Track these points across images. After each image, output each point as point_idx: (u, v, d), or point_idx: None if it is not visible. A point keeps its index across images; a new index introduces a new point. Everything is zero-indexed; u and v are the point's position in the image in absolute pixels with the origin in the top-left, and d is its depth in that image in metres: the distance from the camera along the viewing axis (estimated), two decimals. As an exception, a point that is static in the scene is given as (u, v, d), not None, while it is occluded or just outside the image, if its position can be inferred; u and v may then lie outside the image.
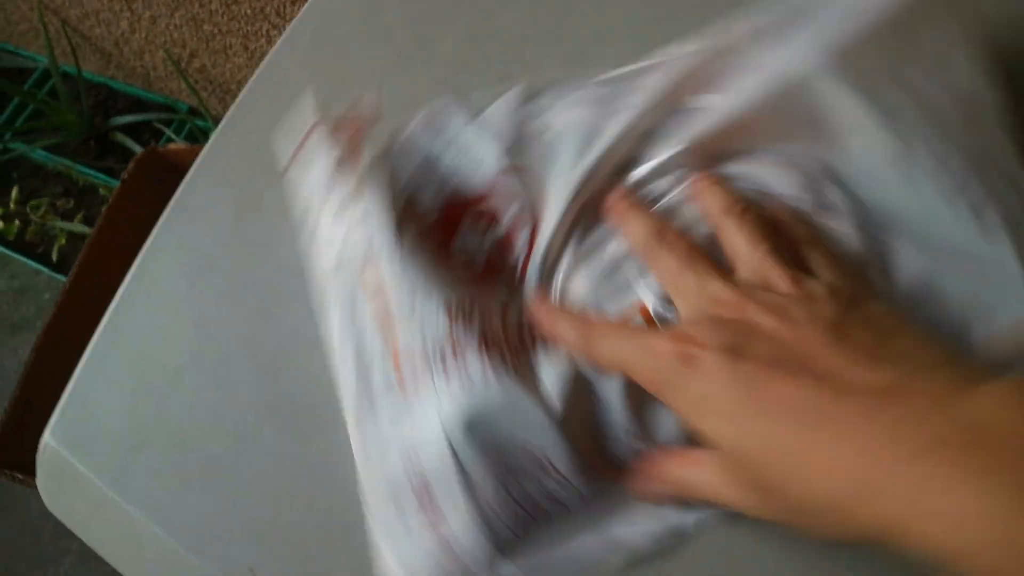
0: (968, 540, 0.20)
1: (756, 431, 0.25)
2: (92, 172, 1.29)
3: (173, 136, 1.28)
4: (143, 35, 1.14)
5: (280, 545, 0.35)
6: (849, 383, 0.24)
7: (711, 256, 0.31)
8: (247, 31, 0.92)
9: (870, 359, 0.24)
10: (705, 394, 0.26)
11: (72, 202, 1.31)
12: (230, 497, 0.37)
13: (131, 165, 0.77)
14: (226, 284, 0.41)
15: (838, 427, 0.23)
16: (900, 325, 0.27)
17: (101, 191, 1.31)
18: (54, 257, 1.26)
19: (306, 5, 0.49)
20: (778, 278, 0.29)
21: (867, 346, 0.25)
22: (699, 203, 0.33)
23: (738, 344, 0.26)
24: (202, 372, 0.39)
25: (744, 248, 0.30)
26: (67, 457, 0.39)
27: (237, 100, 0.46)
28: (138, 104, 1.36)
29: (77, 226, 1.25)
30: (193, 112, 1.33)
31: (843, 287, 0.28)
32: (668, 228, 0.32)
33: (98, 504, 0.38)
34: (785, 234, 0.31)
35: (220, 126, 0.45)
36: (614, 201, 0.34)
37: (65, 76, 1.33)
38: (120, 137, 1.32)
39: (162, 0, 0.95)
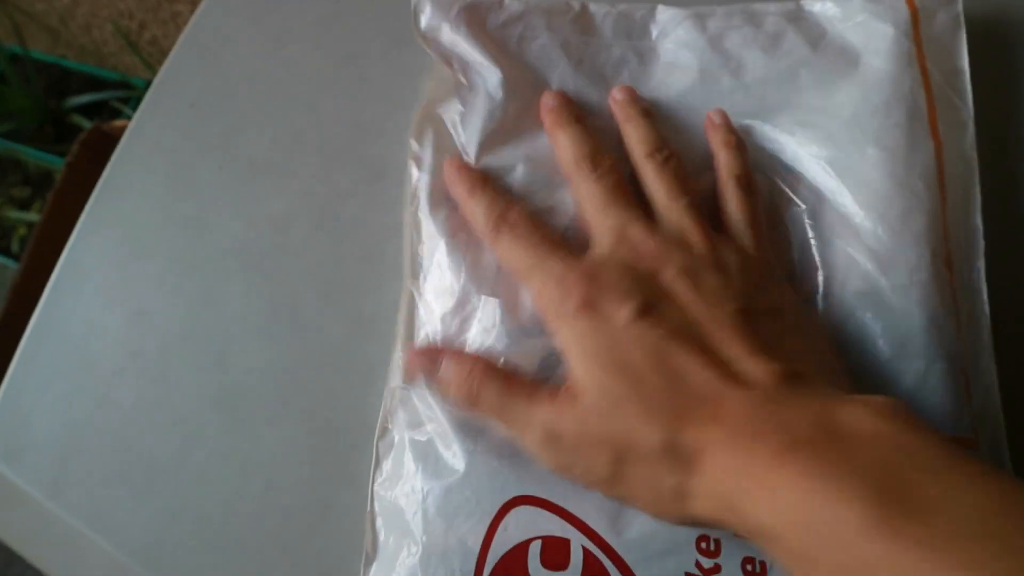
0: (779, 520, 0.22)
1: (634, 389, 0.26)
2: (49, 157, 1.25)
3: (132, 114, 1.24)
4: (88, 8, 1.09)
5: (233, 551, 0.33)
6: (743, 372, 0.25)
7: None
8: (193, -4, 0.87)
9: (768, 352, 0.26)
10: (597, 341, 0.26)
11: (29, 190, 1.26)
12: (177, 502, 0.35)
13: (75, 147, 0.73)
14: (163, 270, 0.39)
15: (717, 411, 0.25)
16: (803, 322, 0.29)
17: (57, 177, 1.27)
18: (14, 248, 1.22)
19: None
20: (693, 234, 0.29)
21: (768, 338, 0.27)
22: (624, 133, 0.32)
23: (650, 304, 0.27)
24: (141, 368, 0.37)
25: (663, 197, 0.30)
26: (-1, 468, 0.36)
27: (162, 68, 0.43)
28: (93, 82, 1.31)
29: (36, 215, 1.21)
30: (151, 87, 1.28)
31: (757, 262, 0.29)
32: (603, 155, 0.31)
33: (35, 516, 0.35)
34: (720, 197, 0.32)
35: (146, 97, 0.42)
36: (552, 104, 0.33)
37: (13, 58, 1.28)
38: (77, 119, 1.28)
39: (99, -32, 0.90)
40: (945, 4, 0.34)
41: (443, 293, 0.32)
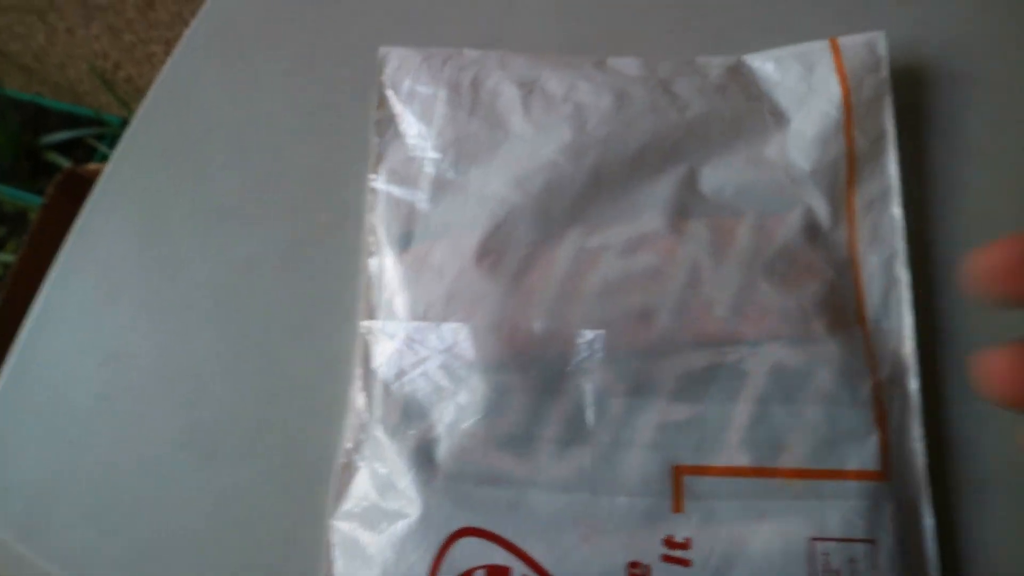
0: None
1: None
2: (24, 196, 1.26)
3: (107, 151, 1.25)
4: (62, 48, 1.11)
5: None
6: None
7: None
8: (168, 37, 0.90)
9: None
10: None
11: (4, 230, 1.27)
12: (147, 541, 0.36)
13: (50, 189, 0.75)
14: (136, 312, 0.41)
15: None
16: None
17: (32, 216, 1.28)
18: (-11, 288, 1.23)
19: (203, 7, 0.47)
20: None
21: None
22: None
23: None
24: (113, 411, 0.39)
25: None
26: (-28, 513, 0.37)
27: (136, 113, 0.45)
28: (69, 119, 1.33)
29: (11, 255, 1.22)
30: (126, 125, 1.29)
31: None
32: None
33: (7, 559, 0.36)
34: None
35: (120, 141, 0.44)
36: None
37: (-12, 96, 1.29)
38: (52, 156, 1.29)
39: (76, 11, 0.92)
40: (873, 70, 0.36)
41: (397, 329, 0.34)
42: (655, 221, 0.34)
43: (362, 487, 0.33)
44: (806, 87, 0.36)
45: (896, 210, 0.35)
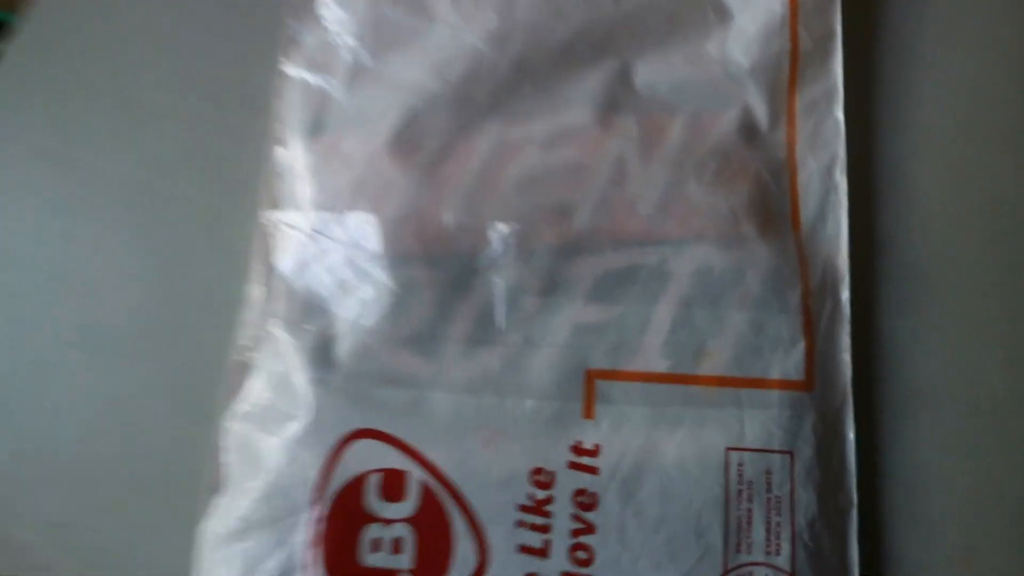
0: None
1: None
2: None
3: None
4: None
5: (86, 489, 0.34)
6: None
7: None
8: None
9: None
10: None
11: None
12: (38, 443, 0.34)
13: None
14: (28, 207, 0.38)
15: None
16: None
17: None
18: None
19: None
20: None
21: None
22: None
23: None
24: (3, 306, 0.36)
25: None
26: None
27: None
28: None
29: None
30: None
31: None
32: None
33: None
34: None
35: (16, 32, 0.41)
36: None
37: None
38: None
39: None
40: None
41: (300, 219, 0.32)
42: (582, 115, 0.32)
43: (257, 386, 0.31)
44: None
45: (839, 113, 0.33)
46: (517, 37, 0.33)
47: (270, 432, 0.30)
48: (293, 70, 0.35)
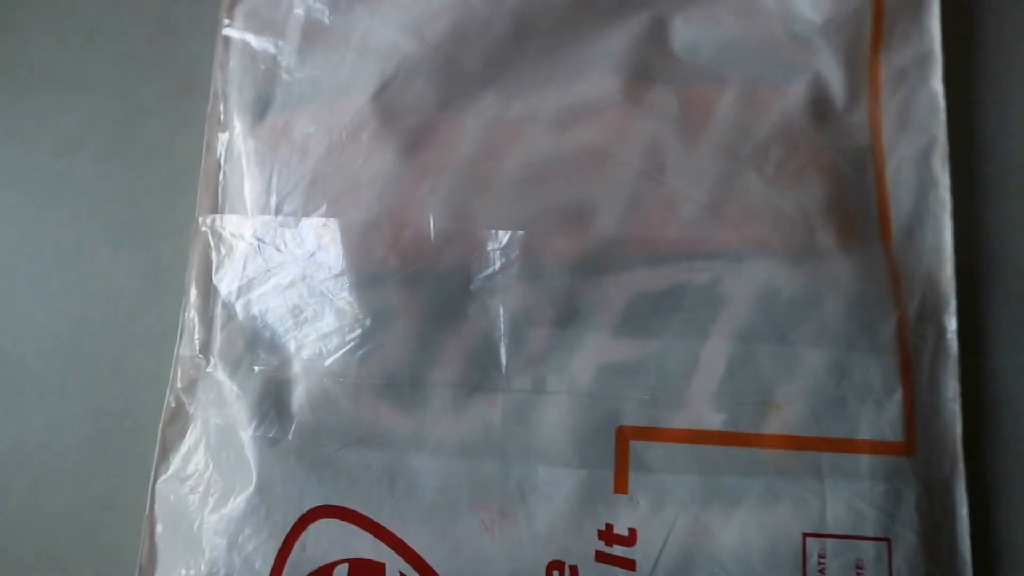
0: None
1: None
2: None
3: None
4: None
5: None
6: None
7: None
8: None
9: None
10: None
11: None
12: None
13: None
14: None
15: None
16: None
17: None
18: None
19: None
20: None
21: None
22: None
23: None
24: None
25: None
26: None
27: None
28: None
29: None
30: None
31: None
32: None
33: None
34: None
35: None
36: None
37: None
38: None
39: None
40: None
41: (244, 226, 0.28)
42: (603, 85, 0.27)
43: (193, 441, 0.27)
44: None
45: (937, 85, 0.27)
46: None
47: (209, 504, 0.26)
48: (235, 31, 0.30)
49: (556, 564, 0.24)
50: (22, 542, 0.29)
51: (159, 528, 0.27)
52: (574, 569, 0.24)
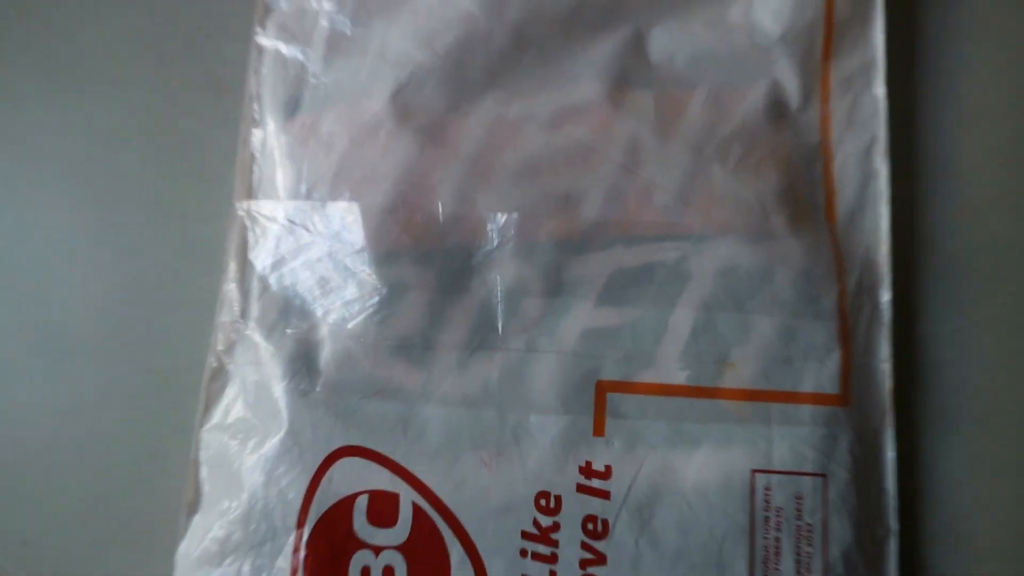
0: None
1: None
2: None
3: None
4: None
5: (47, 506, 0.32)
6: None
7: None
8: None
9: None
10: None
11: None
12: None
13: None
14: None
15: None
16: None
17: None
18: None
19: None
20: None
21: None
22: None
23: None
24: None
25: None
26: None
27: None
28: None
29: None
30: None
31: None
32: None
33: None
34: None
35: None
36: None
37: None
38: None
39: None
40: None
41: (277, 210, 0.30)
42: (589, 90, 0.30)
43: (233, 395, 0.30)
44: None
45: (879, 89, 0.30)
46: (515, 1, 0.30)
47: (248, 448, 0.29)
48: (268, 40, 0.32)
49: (543, 494, 0.27)
50: (79, 486, 0.31)
51: (203, 471, 0.29)
52: (558, 498, 0.27)
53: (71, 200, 0.34)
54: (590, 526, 0.27)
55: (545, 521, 0.27)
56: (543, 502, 0.27)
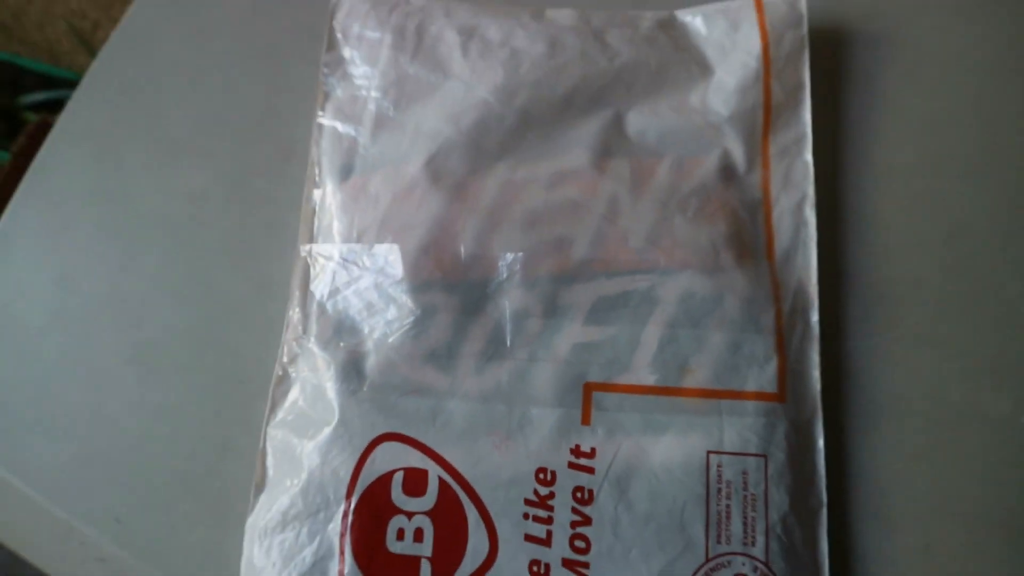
0: None
1: None
2: (1, 155, 1.26)
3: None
4: (40, 6, 1.11)
5: (140, 489, 0.36)
6: None
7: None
8: (144, -4, 0.90)
9: None
10: None
11: (-22, 186, 1.27)
12: (91, 446, 0.38)
13: (21, 138, 0.76)
14: (88, 239, 0.42)
15: None
16: None
17: (8, 173, 1.27)
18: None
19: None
20: None
21: None
22: None
23: None
24: (63, 327, 0.40)
25: None
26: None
27: (97, 57, 0.46)
28: (47, 81, 1.33)
29: (-17, 210, 1.22)
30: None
31: None
32: None
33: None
34: None
35: (81, 83, 0.46)
36: None
37: (-35, 54, 1.29)
38: (30, 116, 1.29)
39: (54, -32, 0.93)
40: (793, 26, 0.38)
41: (333, 251, 0.36)
42: (580, 158, 0.35)
43: (295, 396, 0.35)
44: (730, 41, 0.38)
45: (808, 157, 0.36)
46: (522, 91, 0.36)
47: (306, 437, 0.34)
48: (327, 120, 0.39)
49: (542, 470, 0.31)
50: (165, 473, 0.36)
51: (270, 458, 0.34)
52: (554, 473, 0.31)
53: (165, 245, 0.40)
54: (579, 495, 0.31)
55: (543, 491, 0.31)
56: (542, 476, 0.31)
